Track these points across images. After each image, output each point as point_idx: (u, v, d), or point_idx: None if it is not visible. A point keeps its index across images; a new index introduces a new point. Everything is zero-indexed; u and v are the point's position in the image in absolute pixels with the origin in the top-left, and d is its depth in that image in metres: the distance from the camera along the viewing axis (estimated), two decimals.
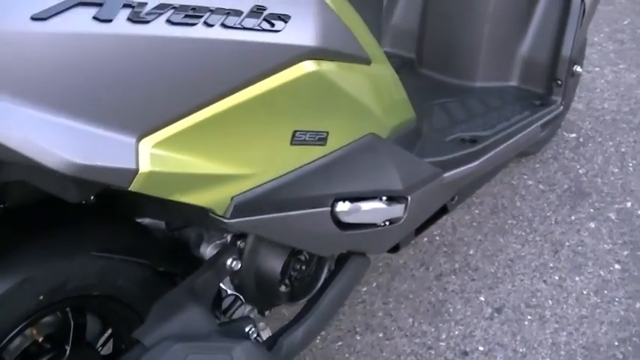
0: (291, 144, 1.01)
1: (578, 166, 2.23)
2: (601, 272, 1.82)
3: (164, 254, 1.16)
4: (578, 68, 1.95)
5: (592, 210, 2.04)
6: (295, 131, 1.01)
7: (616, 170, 2.21)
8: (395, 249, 1.47)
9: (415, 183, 1.27)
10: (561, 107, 1.73)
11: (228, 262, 1.12)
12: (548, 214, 2.03)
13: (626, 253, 1.89)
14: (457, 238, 1.94)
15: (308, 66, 0.96)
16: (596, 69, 2.83)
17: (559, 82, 1.74)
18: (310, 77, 0.97)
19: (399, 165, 1.22)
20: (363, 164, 1.15)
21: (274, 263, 1.18)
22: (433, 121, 1.58)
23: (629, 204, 2.06)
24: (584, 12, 1.74)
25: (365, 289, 1.77)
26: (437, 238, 1.94)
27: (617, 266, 1.84)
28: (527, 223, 1.99)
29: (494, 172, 1.75)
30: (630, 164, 2.24)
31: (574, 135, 2.39)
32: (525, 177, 2.19)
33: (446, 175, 1.38)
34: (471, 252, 1.89)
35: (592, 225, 1.99)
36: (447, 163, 1.41)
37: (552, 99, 1.75)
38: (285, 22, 0.92)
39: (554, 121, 1.73)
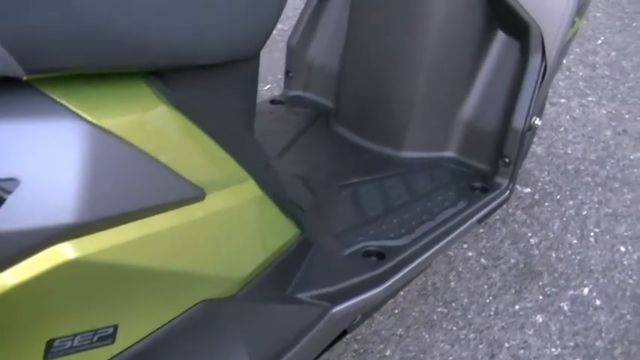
0: (48, 358, 0.63)
1: (530, 234, 1.88)
2: None
3: None
4: (537, 121, 1.58)
5: (541, 297, 1.69)
6: (52, 340, 0.62)
7: (575, 241, 1.86)
8: None
9: (262, 353, 0.88)
10: (507, 192, 1.36)
11: None
12: (488, 300, 1.68)
13: None
14: (373, 330, 1.58)
15: (62, 250, 0.58)
16: (562, 100, 2.47)
17: (506, 159, 1.36)
18: (66, 268, 0.58)
19: (244, 339, 0.83)
20: (179, 355, 0.77)
21: None
22: (332, 221, 1.19)
23: (585, 290, 1.72)
24: (544, 72, 1.36)
25: None
26: None
27: None
28: (461, 313, 1.64)
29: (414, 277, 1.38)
30: (592, 233, 1.89)
31: (529, 190, 2.04)
32: (465, 246, 1.83)
33: (335, 310, 1.01)
34: (388, 353, 1.53)
35: (539, 319, 1.64)
36: (340, 294, 1.03)
37: (496, 181, 1.37)
38: (9, 192, 0.53)
39: (496, 211, 1.36)
